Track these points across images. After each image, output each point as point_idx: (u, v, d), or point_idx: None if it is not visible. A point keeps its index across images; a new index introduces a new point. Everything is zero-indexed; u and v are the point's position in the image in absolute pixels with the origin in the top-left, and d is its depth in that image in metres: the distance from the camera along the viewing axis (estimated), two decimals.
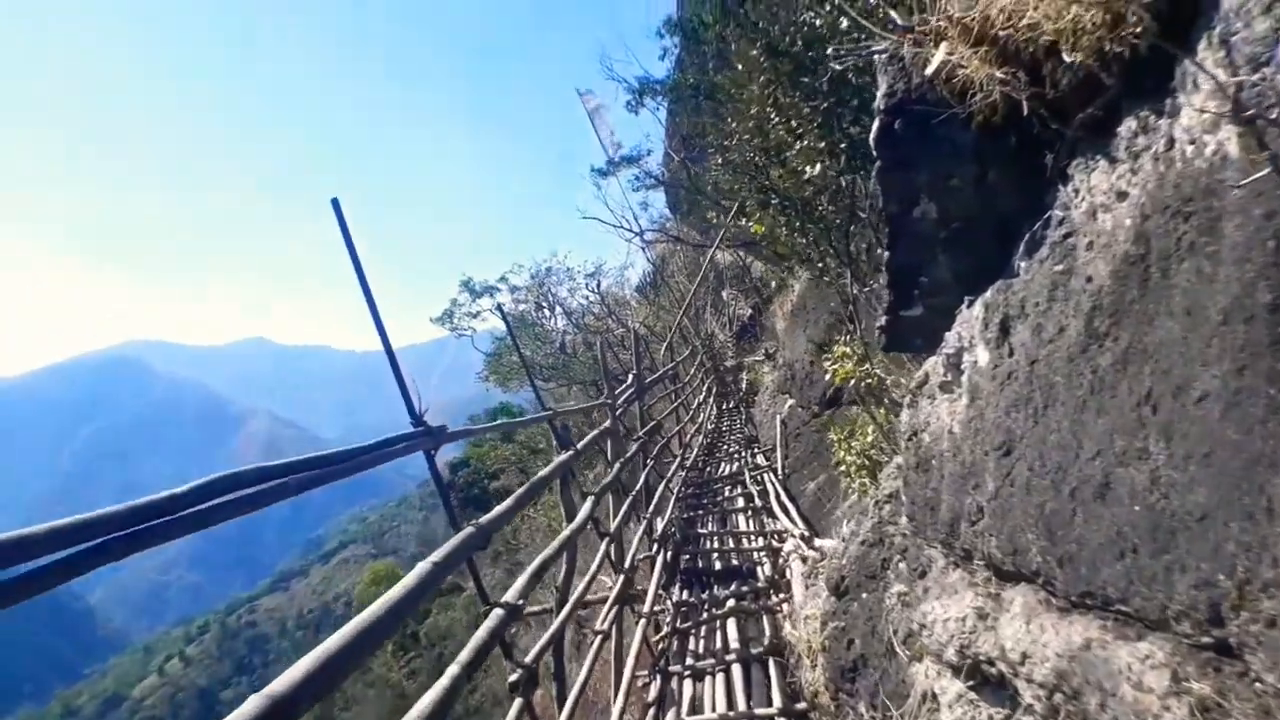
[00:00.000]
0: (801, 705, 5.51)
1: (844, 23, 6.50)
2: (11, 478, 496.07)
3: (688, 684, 6.59)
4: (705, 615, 7.79)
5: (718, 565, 9.59)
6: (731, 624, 7.30)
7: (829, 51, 6.36)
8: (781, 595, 7.56)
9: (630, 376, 11.14)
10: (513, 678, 3.99)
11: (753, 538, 10.08)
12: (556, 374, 33.89)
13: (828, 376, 7.67)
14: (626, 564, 7.33)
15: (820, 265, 8.45)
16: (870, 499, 5.04)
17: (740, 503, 12.05)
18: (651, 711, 6.26)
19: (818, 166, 7.26)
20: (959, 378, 3.23)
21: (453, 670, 3.12)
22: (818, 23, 7.44)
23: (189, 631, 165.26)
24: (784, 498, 10.62)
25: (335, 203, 3.13)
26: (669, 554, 9.38)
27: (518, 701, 3.97)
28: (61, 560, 1.76)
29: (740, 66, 9.02)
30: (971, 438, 3.05)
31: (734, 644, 6.89)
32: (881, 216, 3.65)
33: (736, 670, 6.42)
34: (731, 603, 7.70)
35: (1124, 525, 2.17)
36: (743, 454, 15.76)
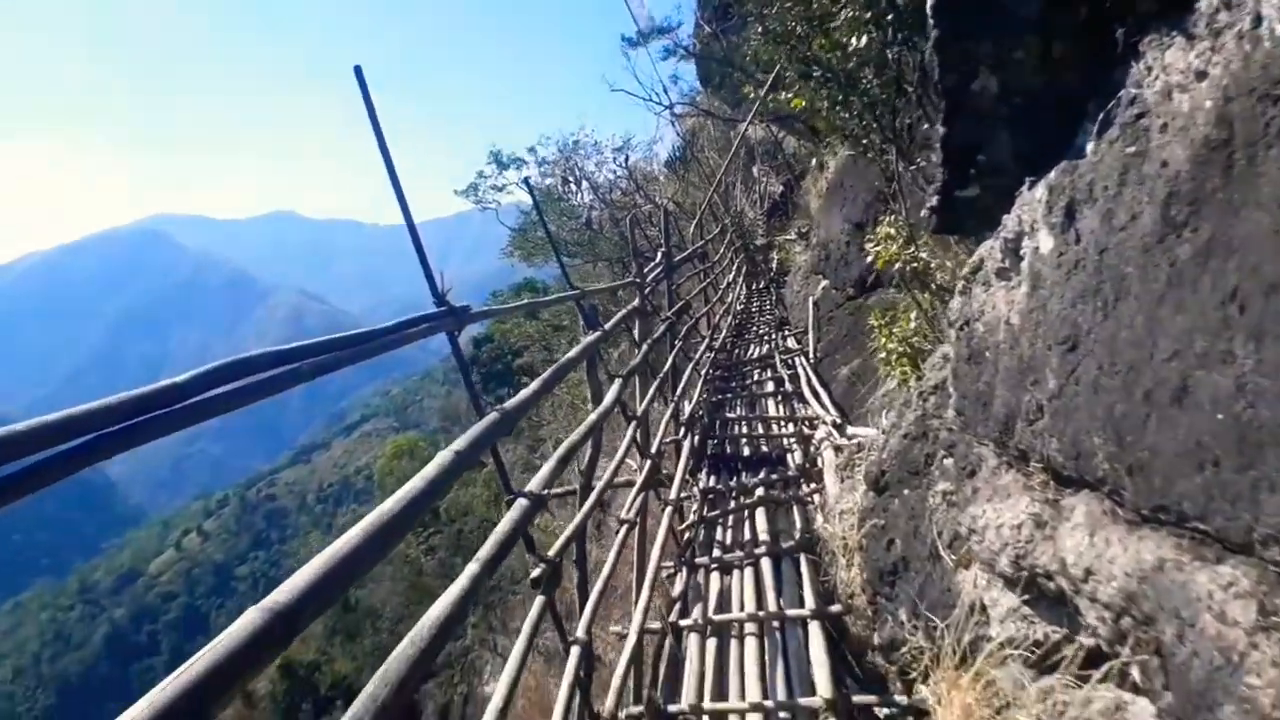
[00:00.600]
0: (836, 608, 5.34)
1: None
2: (43, 352, 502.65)
3: (715, 577, 6.50)
4: (733, 504, 7.72)
5: (746, 451, 9.54)
6: (760, 514, 7.21)
7: None
8: (813, 485, 7.43)
9: (658, 254, 10.91)
10: (535, 573, 3.84)
11: (783, 424, 10.00)
12: (582, 250, 33.58)
13: (869, 258, 7.42)
14: (653, 448, 7.18)
15: (864, 141, 8.15)
16: (913, 389, 4.84)
17: (770, 387, 11.96)
18: (678, 606, 6.17)
19: (864, 38, 6.95)
20: (1018, 264, 3.01)
21: (472, 569, 2.98)
22: None
23: (207, 505, 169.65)
24: (815, 383, 10.46)
25: (358, 69, 3.00)
26: (696, 439, 9.26)
27: (539, 599, 3.83)
28: (59, 454, 1.65)
29: None
30: (1031, 330, 2.85)
31: (763, 536, 6.80)
32: (935, 90, 3.39)
33: (766, 565, 6.31)
34: (761, 491, 7.62)
35: (1204, 435, 1.97)
36: (773, 336, 15.60)
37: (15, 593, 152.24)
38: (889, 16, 6.63)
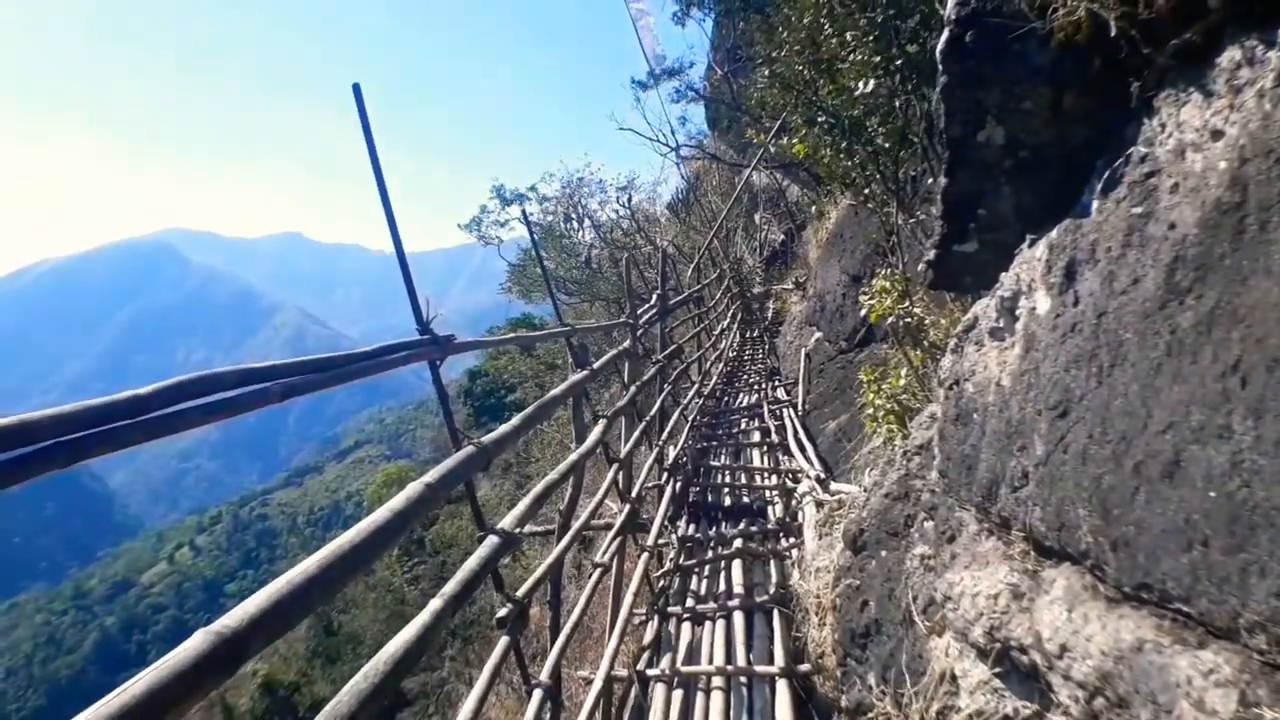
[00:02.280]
0: (805, 667, 5.23)
1: None
2: (51, 357, 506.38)
3: (686, 627, 6.40)
4: (710, 554, 7.65)
5: (728, 501, 9.48)
6: (737, 566, 7.13)
7: None
8: (792, 540, 7.35)
9: (654, 296, 10.89)
10: (501, 613, 3.76)
11: (766, 475, 9.92)
12: (580, 289, 33.78)
13: (862, 311, 7.36)
14: (634, 492, 7.11)
15: (865, 191, 8.13)
16: (898, 448, 4.77)
17: (756, 437, 11.88)
18: (647, 654, 6.06)
19: (870, 83, 6.93)
20: (1013, 324, 2.93)
21: (435, 604, 2.93)
22: None
23: (201, 521, 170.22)
24: (802, 436, 10.41)
25: (356, 88, 3.00)
26: (678, 485, 9.18)
27: (504, 640, 3.74)
28: (13, 459, 1.60)
29: None
30: (1022, 393, 2.75)
31: (738, 589, 6.72)
32: (940, 140, 3.32)
33: (738, 618, 6.23)
34: (739, 543, 7.52)
35: (1194, 512, 1.87)
36: (763, 386, 15.65)
37: (12, 594, 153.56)
38: (899, 62, 6.62)
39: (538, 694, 4.01)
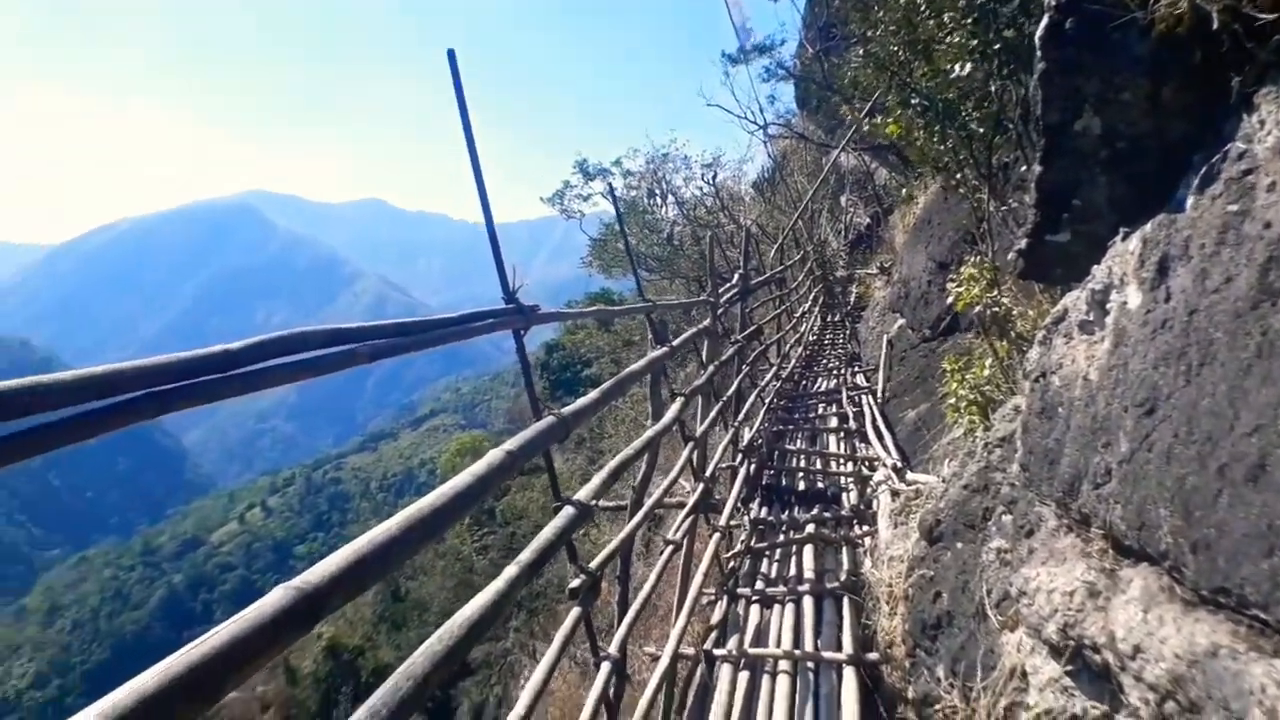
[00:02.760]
0: (873, 655, 5.19)
1: None
2: (132, 314, 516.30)
3: (755, 610, 6.38)
4: (782, 538, 7.62)
5: (801, 485, 9.42)
6: (809, 551, 7.09)
7: None
8: (865, 528, 7.30)
9: (736, 276, 10.84)
10: (574, 583, 3.80)
11: (842, 461, 9.85)
12: (661, 266, 33.66)
13: (949, 299, 7.27)
14: (708, 472, 7.09)
15: (957, 176, 8.00)
16: (979, 440, 4.70)
17: (833, 422, 11.76)
18: (714, 634, 6.06)
19: (967, 66, 6.82)
20: (1103, 318, 2.88)
21: (510, 571, 2.94)
22: None
23: (274, 482, 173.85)
24: (880, 423, 10.29)
25: (451, 55, 3.01)
26: (752, 467, 9.18)
27: (575, 610, 3.77)
28: (100, 409, 1.62)
29: None
30: (1109, 388, 2.71)
31: (809, 573, 6.68)
32: (1036, 127, 3.26)
33: (808, 603, 6.18)
34: (811, 528, 7.50)
35: (1277, 518, 1.83)
36: (842, 371, 15.48)
37: (81, 548, 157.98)
38: (996, 46, 6.51)
39: (606, 666, 4.02)
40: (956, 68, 6.95)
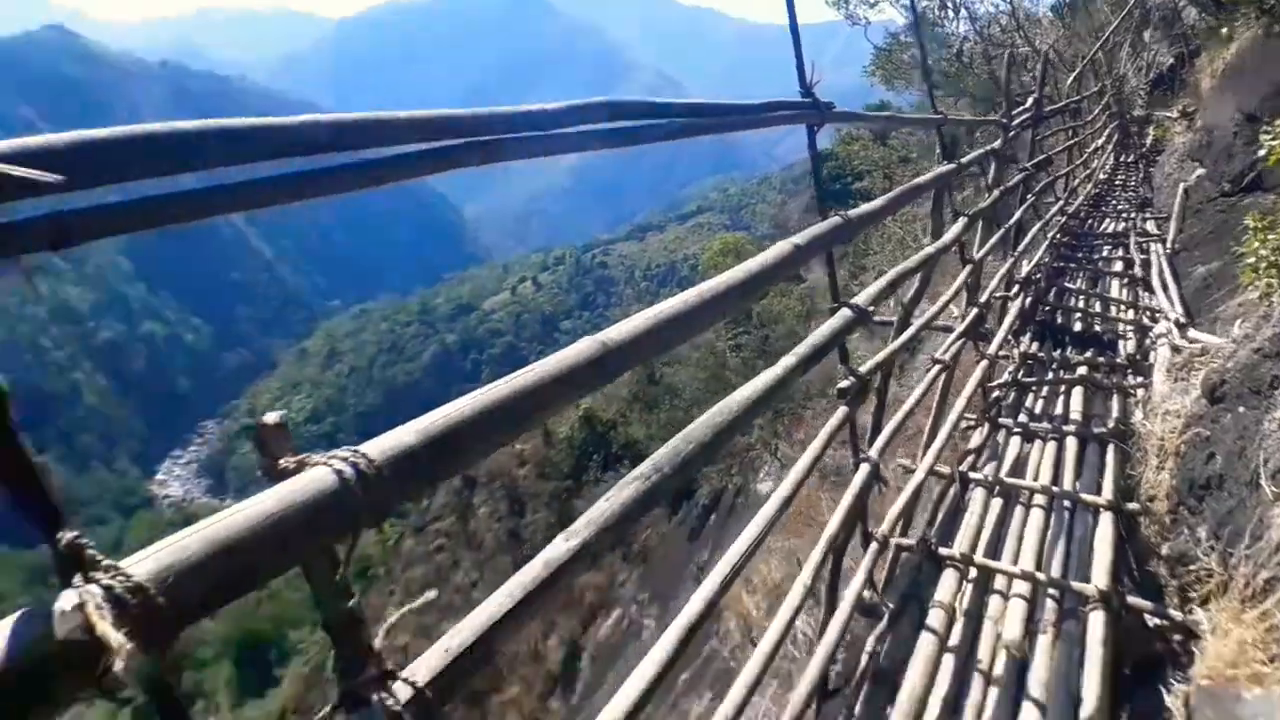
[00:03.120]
0: (1133, 505, 5.08)
1: None
2: (418, 90, 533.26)
3: (1015, 441, 6.35)
4: (1051, 375, 7.51)
5: (1077, 326, 9.15)
6: (1077, 392, 6.95)
7: None
8: (1140, 379, 7.08)
9: (1030, 100, 10.38)
10: (844, 384, 3.90)
11: (1122, 308, 9.44)
12: (947, 82, 32.19)
13: (1259, 153, 6.78)
14: (982, 298, 6.96)
15: None
16: (1276, 304, 4.45)
17: (1117, 267, 11.33)
18: (970, 459, 6.07)
19: None
20: None
21: (788, 361, 3.07)
22: None
23: (545, 259, 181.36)
24: (1167, 274, 9.75)
25: None
26: (1028, 301, 8.97)
27: (842, 410, 3.89)
28: (429, 151, 1.72)
29: None
30: None
31: (1075, 415, 6.57)
32: None
33: (1070, 444, 6.10)
34: (1083, 370, 7.33)
35: None
36: (1132, 216, 14.70)
37: (362, 300, 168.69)
38: None
39: (865, 467, 4.14)
40: None
